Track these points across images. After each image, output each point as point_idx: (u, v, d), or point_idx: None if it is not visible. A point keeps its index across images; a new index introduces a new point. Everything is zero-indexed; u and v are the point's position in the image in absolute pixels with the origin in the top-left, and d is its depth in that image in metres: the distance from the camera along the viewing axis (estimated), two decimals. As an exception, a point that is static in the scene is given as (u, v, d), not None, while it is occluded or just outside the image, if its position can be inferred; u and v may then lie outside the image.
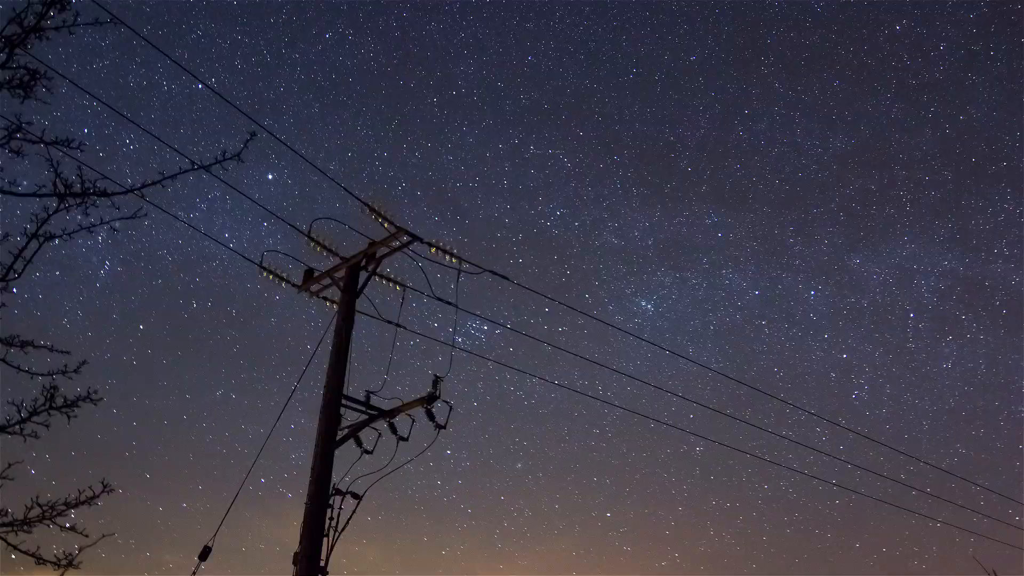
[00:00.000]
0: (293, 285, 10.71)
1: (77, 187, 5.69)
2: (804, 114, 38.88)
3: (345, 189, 10.17)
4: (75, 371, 6.63)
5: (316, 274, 10.68)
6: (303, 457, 9.88)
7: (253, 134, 6.06)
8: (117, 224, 5.97)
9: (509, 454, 36.02)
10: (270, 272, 10.57)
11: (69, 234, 6.05)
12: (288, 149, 8.72)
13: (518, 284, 11.40)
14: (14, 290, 6.45)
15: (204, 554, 9.67)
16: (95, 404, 6.56)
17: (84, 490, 6.68)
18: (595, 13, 39.31)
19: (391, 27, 37.79)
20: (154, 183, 5.86)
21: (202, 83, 7.66)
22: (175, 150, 6.19)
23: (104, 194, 5.76)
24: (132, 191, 5.80)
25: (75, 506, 6.67)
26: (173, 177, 5.90)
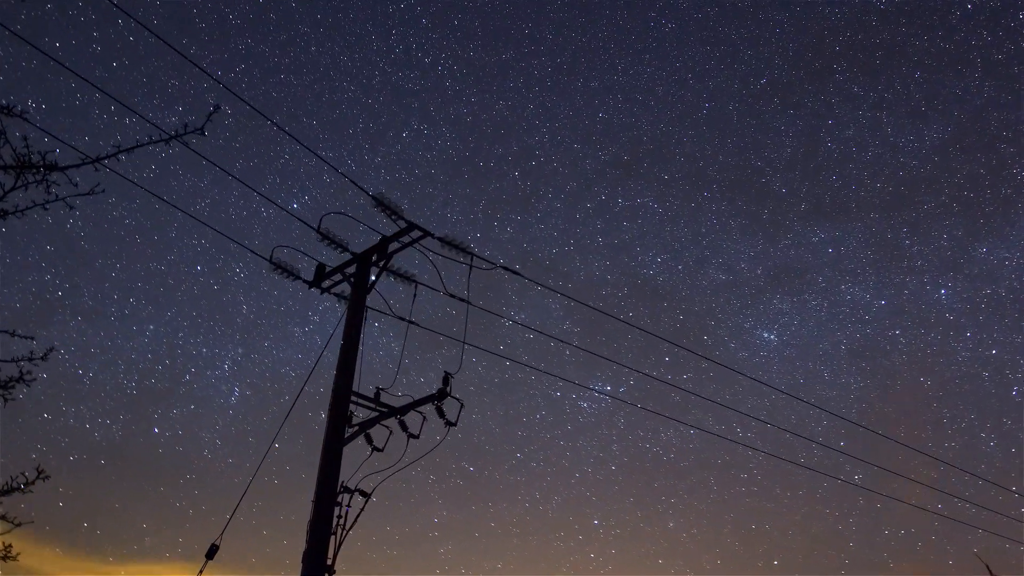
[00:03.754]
0: (305, 282, 10.62)
1: (36, 160, 5.58)
2: (891, 112, 37.23)
3: (355, 184, 10.07)
4: (41, 358, 6.58)
5: (327, 270, 10.58)
6: (317, 455, 9.73)
7: (217, 107, 5.94)
8: (73, 200, 5.82)
9: (658, 514, 34.44)
10: (282, 269, 10.49)
11: (22, 211, 5.95)
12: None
13: (529, 280, 11.07)
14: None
15: (211, 552, 9.59)
16: (27, 385, 6.49)
17: (17, 476, 6.63)
18: (656, 59, 38.76)
19: (462, 113, 38.12)
20: (110, 156, 5.75)
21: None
22: (145, 119, 6.09)
23: (56, 167, 5.65)
24: (87, 163, 5.71)
25: (8, 493, 6.61)
26: (130, 150, 5.79)
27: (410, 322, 10.73)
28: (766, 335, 36.56)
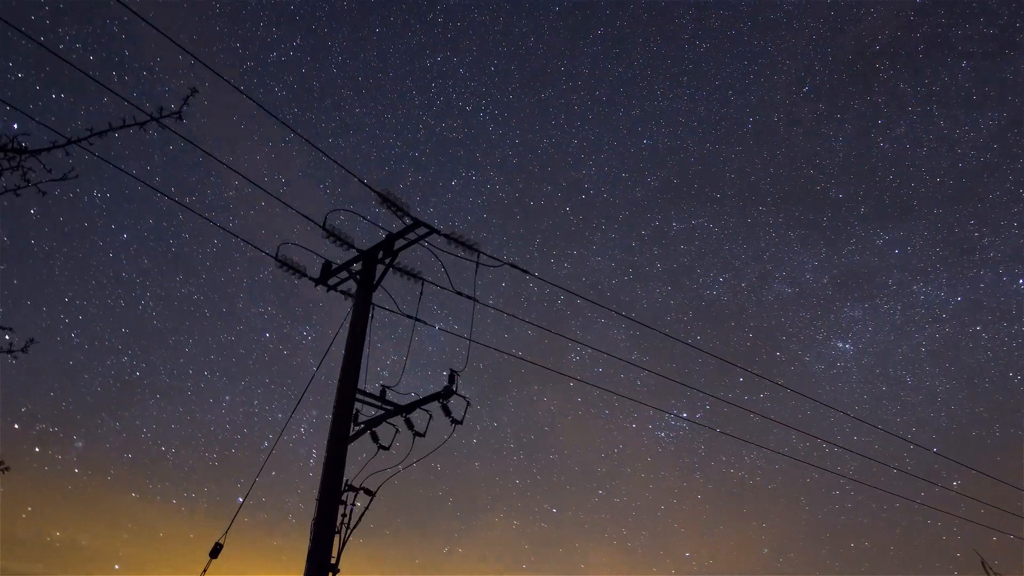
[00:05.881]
0: (311, 279, 10.59)
1: (3, 143, 5.57)
2: (942, 104, 36.09)
3: (360, 180, 10.02)
4: (22, 350, 6.58)
5: (334, 267, 10.53)
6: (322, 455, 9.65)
7: (195, 90, 5.89)
8: (46, 187, 5.78)
9: (751, 541, 33.38)
10: (288, 266, 10.47)
11: (-6, 197, 5.95)
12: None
13: (538, 277, 10.89)
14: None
15: (215, 551, 9.55)
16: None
17: None
18: (695, 80, 38.36)
19: (508, 156, 38.28)
20: (82, 139, 5.71)
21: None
22: (124, 98, 6.07)
23: (26, 151, 5.64)
24: (58, 146, 5.69)
25: None
26: (102, 134, 5.73)
27: (416, 320, 10.62)
28: (841, 345, 35.49)
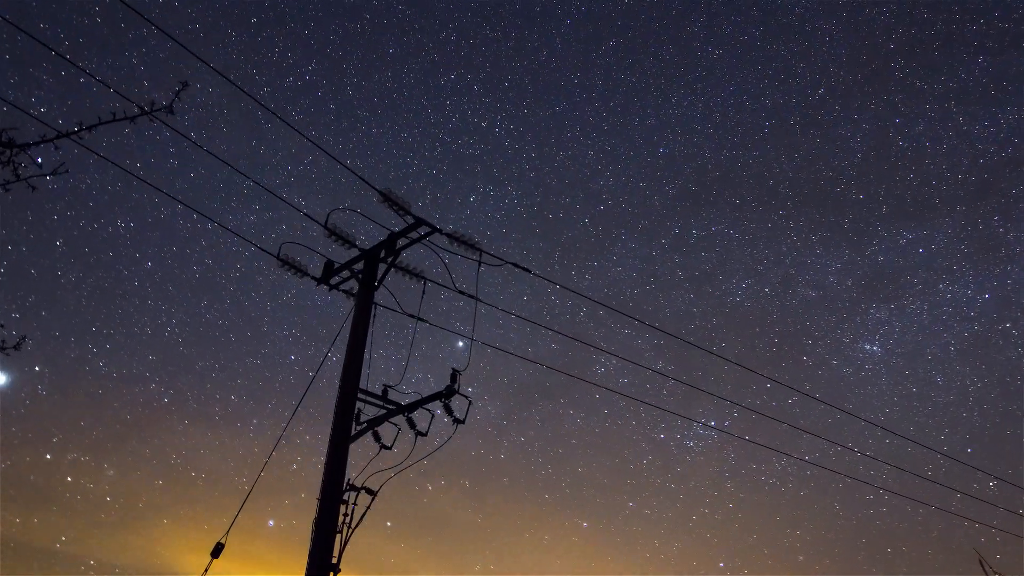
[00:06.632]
0: (313, 278, 10.57)
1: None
2: (959, 101, 35.66)
3: (362, 179, 9.99)
4: (14, 347, 6.61)
5: (336, 267, 10.51)
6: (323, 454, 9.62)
7: (185, 84, 5.89)
8: (36, 181, 5.78)
9: (785, 549, 32.91)
10: (290, 266, 10.46)
11: (-19, 191, 5.94)
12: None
13: (537, 275, 10.81)
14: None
15: (217, 551, 9.53)
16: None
17: None
18: (709, 87, 38.20)
19: (524, 170, 38.35)
20: (71, 133, 5.71)
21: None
22: (117, 92, 6.08)
23: (15, 144, 5.63)
24: (48, 140, 5.68)
25: None
26: (92, 128, 5.73)
27: (418, 319, 10.58)
28: (868, 347, 34.96)
